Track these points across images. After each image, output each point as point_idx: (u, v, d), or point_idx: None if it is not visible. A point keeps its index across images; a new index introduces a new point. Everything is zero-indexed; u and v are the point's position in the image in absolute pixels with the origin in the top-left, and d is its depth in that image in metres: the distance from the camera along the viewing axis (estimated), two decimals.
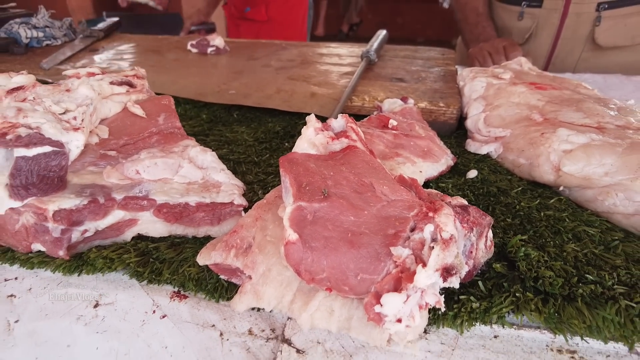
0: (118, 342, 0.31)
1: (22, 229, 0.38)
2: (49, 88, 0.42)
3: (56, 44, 1.10)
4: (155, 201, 0.39)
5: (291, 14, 1.68)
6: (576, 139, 0.46)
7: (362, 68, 0.76)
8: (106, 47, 1.06)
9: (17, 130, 0.36)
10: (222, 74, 0.80)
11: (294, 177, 0.34)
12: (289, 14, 1.67)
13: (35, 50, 1.04)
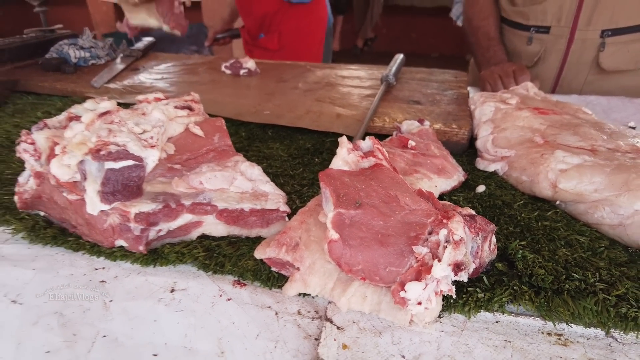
0: (194, 318, 0.39)
1: (109, 227, 0.46)
2: (129, 112, 0.51)
3: (100, 63, 1.21)
4: (217, 207, 0.48)
5: (304, 42, 1.69)
6: (571, 160, 0.54)
7: (382, 92, 0.85)
8: (145, 66, 1.16)
9: (108, 147, 0.46)
10: (255, 95, 0.89)
11: (333, 189, 0.42)
12: (302, 43, 1.67)
13: (83, 69, 1.15)
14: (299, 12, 1.63)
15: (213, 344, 0.37)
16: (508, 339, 0.37)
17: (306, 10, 1.65)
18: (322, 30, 1.76)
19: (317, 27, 1.73)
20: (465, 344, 0.37)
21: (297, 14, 1.63)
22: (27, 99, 1.01)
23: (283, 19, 1.62)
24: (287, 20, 1.62)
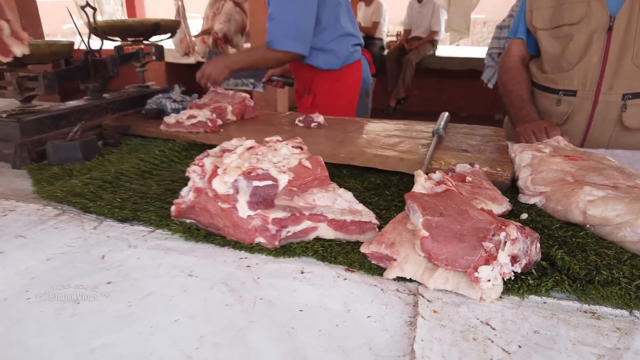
0: (323, 289, 0.55)
1: (252, 228, 0.64)
2: (265, 148, 0.71)
3: None
4: (327, 217, 0.65)
5: (335, 102, 1.91)
6: (597, 193, 0.69)
7: (435, 141, 1.03)
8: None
9: (256, 171, 0.65)
10: (329, 143, 1.09)
11: (419, 204, 0.59)
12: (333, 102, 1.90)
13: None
14: (331, 76, 1.87)
15: (340, 305, 0.53)
16: (554, 313, 0.51)
17: (337, 75, 1.88)
18: (354, 92, 1.96)
19: (348, 89, 1.94)
20: (522, 314, 0.51)
21: (330, 78, 1.87)
22: (136, 140, 1.24)
23: (319, 83, 1.88)
24: (321, 84, 1.88)
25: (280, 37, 1.62)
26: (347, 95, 1.94)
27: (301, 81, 1.97)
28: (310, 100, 1.91)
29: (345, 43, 1.84)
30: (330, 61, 1.82)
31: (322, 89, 1.89)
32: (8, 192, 0.89)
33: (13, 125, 1.08)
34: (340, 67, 1.85)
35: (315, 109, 1.88)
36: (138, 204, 0.77)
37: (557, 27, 1.29)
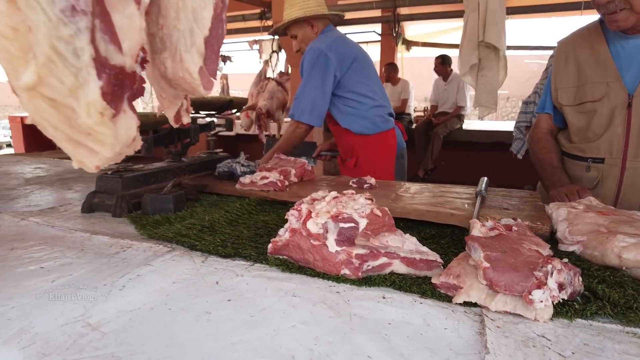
0: (404, 309, 0.68)
1: (339, 261, 0.79)
2: (347, 197, 0.88)
3: None
4: (400, 255, 0.79)
5: (375, 164, 2.20)
6: (629, 240, 0.81)
7: (480, 201, 1.18)
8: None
9: (342, 215, 0.81)
10: (384, 200, 1.25)
11: (479, 243, 0.73)
12: (374, 165, 2.19)
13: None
14: (370, 141, 2.19)
15: (420, 320, 0.65)
16: (600, 332, 0.62)
17: (375, 140, 2.20)
18: (391, 155, 2.27)
19: (385, 152, 2.25)
20: (572, 332, 0.62)
21: (369, 143, 2.19)
22: (212, 197, 1.44)
23: (360, 147, 2.20)
24: (362, 148, 2.19)
25: (299, 111, 2.04)
26: (384, 157, 2.23)
27: (343, 147, 2.29)
28: (353, 162, 2.19)
29: (378, 112, 2.19)
30: (366, 126, 2.15)
31: (363, 152, 2.18)
32: (117, 234, 1.07)
33: (116, 180, 1.30)
34: (376, 132, 2.17)
35: (358, 169, 2.12)
36: (236, 244, 0.93)
37: (581, 103, 1.47)
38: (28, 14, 0.39)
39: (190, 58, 0.52)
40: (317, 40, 2.12)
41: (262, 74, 4.78)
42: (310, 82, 2.04)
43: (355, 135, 2.17)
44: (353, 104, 2.13)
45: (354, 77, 2.12)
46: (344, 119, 2.16)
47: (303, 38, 2.20)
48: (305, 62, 2.08)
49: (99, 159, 0.48)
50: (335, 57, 2.03)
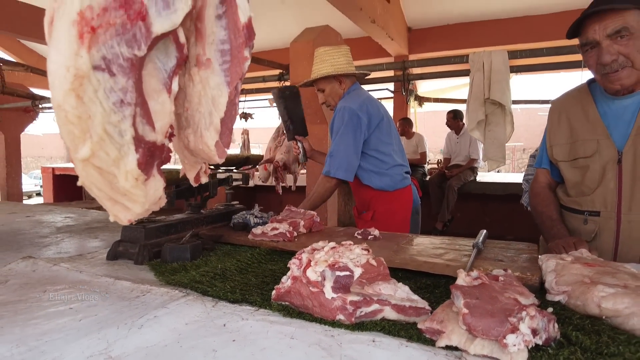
0: (391, 352, 0.75)
1: (334, 307, 0.86)
2: (344, 248, 0.97)
3: None
4: (391, 302, 0.86)
5: (392, 219, 2.30)
6: (608, 290, 0.86)
7: (475, 253, 1.25)
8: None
9: (339, 264, 0.89)
10: (385, 252, 1.33)
11: (461, 291, 0.80)
12: (390, 219, 2.29)
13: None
14: (388, 197, 2.30)
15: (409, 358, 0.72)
16: None
17: (393, 196, 2.31)
18: (407, 210, 2.37)
19: (402, 208, 2.35)
20: None
21: (387, 198, 2.30)
22: (226, 247, 1.54)
23: (377, 202, 2.31)
24: (379, 203, 2.30)
25: (335, 168, 2.19)
26: (401, 213, 2.33)
27: (361, 200, 2.41)
28: (370, 215, 2.29)
29: (398, 170, 2.33)
30: (387, 183, 2.28)
31: (380, 207, 2.29)
32: (138, 280, 1.17)
33: (139, 230, 1.42)
34: (394, 189, 2.25)
35: (374, 223, 2.21)
36: (244, 290, 1.02)
37: (574, 159, 1.56)
38: (90, 106, 0.52)
39: (208, 134, 0.65)
40: (348, 99, 2.30)
41: (279, 129, 5.02)
42: (344, 140, 2.19)
43: (374, 190, 2.29)
44: (376, 162, 2.28)
45: (380, 136, 2.28)
46: (365, 176, 2.29)
47: (330, 92, 2.38)
48: (337, 120, 2.24)
49: (131, 214, 0.60)
50: (365, 117, 2.21)
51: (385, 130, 2.33)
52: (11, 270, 1.21)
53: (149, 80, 0.59)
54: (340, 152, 2.18)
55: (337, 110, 2.28)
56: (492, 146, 3.35)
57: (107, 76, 0.52)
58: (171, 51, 0.60)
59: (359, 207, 2.45)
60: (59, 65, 0.51)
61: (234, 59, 0.64)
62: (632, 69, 1.37)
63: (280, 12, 6.96)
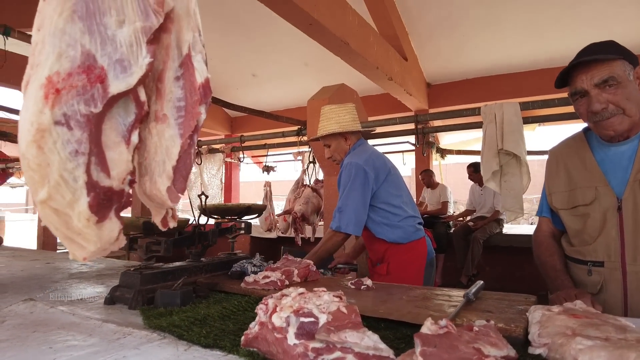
0: None
1: (296, 354, 0.86)
2: (312, 295, 0.97)
3: None
4: (354, 350, 0.85)
5: (406, 271, 2.27)
6: (586, 342, 0.82)
7: (462, 303, 1.21)
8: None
9: (303, 309, 0.90)
10: (373, 301, 1.31)
11: (421, 339, 0.79)
12: (404, 271, 2.27)
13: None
14: (402, 249, 2.28)
15: None
16: None
17: (406, 248, 2.29)
18: (421, 262, 2.34)
19: (416, 259, 2.32)
20: None
21: (401, 250, 2.28)
22: (220, 295, 1.56)
23: (391, 254, 2.28)
24: (394, 255, 2.28)
25: (345, 223, 2.20)
26: (415, 265, 2.30)
27: (374, 252, 2.39)
28: (384, 267, 2.27)
29: (410, 222, 2.32)
30: (400, 235, 2.27)
31: (394, 259, 2.28)
32: (126, 323, 1.19)
33: (136, 276, 1.47)
34: (408, 241, 2.27)
35: (390, 275, 2.17)
36: (218, 336, 1.03)
37: (574, 207, 1.51)
38: (49, 155, 0.60)
39: (161, 180, 0.71)
40: (354, 155, 2.37)
41: (299, 181, 5.14)
42: (351, 195, 2.22)
43: (388, 243, 2.29)
44: (387, 214, 2.29)
45: (388, 189, 2.31)
46: (378, 229, 2.30)
47: (336, 148, 2.46)
48: (344, 176, 2.29)
49: (86, 252, 0.65)
50: (372, 171, 2.26)
51: (394, 183, 2.35)
52: (11, 311, 1.27)
53: (110, 133, 0.66)
54: (348, 207, 2.21)
55: (343, 166, 2.34)
56: (509, 197, 3.28)
57: (65, 130, 0.60)
58: (131, 108, 0.68)
59: (373, 259, 2.42)
60: (25, 120, 0.59)
61: (187, 114, 0.71)
62: (624, 116, 1.37)
63: (301, 73, 7.37)
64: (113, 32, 0.64)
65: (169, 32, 0.73)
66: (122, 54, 0.65)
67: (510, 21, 5.80)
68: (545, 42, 5.98)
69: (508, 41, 6.18)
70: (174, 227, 1.72)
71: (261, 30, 6.49)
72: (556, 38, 5.81)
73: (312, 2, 3.70)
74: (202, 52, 0.76)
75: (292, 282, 1.59)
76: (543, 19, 5.61)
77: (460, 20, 5.94)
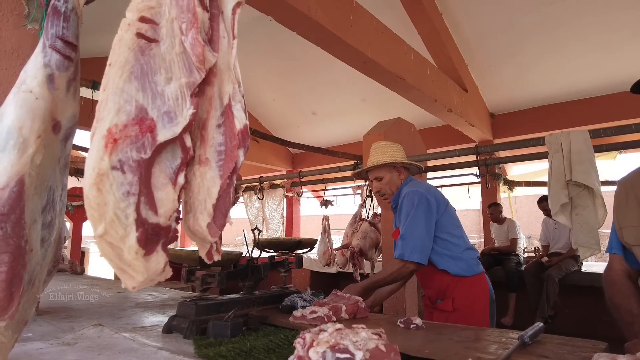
0: None
1: None
2: (348, 330, 0.97)
3: None
4: None
5: (473, 306, 2.14)
6: None
7: (515, 346, 1.13)
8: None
9: (339, 345, 0.90)
10: (421, 340, 1.27)
11: None
12: (471, 307, 2.13)
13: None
14: (467, 283, 2.16)
15: None
16: None
17: (472, 282, 2.17)
18: (486, 298, 2.20)
19: (480, 294, 2.20)
20: None
21: (466, 284, 2.15)
22: (269, 328, 1.59)
23: (456, 289, 2.15)
24: (459, 289, 2.15)
25: (409, 251, 2.06)
26: (481, 301, 2.18)
27: (434, 288, 2.26)
28: (449, 303, 2.13)
29: (471, 254, 2.23)
30: (463, 268, 2.17)
31: (459, 293, 2.15)
32: (178, 351, 1.27)
33: (191, 307, 1.56)
34: (472, 274, 2.18)
35: (457, 312, 2.07)
36: None
37: None
38: (105, 196, 0.69)
39: (202, 217, 0.78)
40: (412, 185, 2.32)
41: (357, 216, 5.13)
42: (415, 222, 2.11)
43: (452, 276, 2.16)
44: (449, 245, 2.20)
45: (449, 219, 2.24)
46: (440, 260, 2.18)
47: (389, 181, 2.37)
48: (407, 204, 2.19)
49: (135, 282, 0.73)
50: (434, 199, 2.20)
51: (453, 214, 2.29)
52: (82, 334, 1.40)
53: (159, 176, 0.75)
54: (413, 235, 2.10)
55: (403, 195, 2.27)
56: (582, 232, 3.01)
57: (119, 173, 0.70)
58: (177, 153, 0.77)
59: (432, 296, 2.28)
60: (89, 166, 0.70)
61: (227, 158, 0.78)
62: None
63: (358, 109, 7.51)
64: (162, 88, 0.74)
65: (211, 85, 0.82)
66: (169, 106, 0.74)
67: (577, 44, 5.52)
68: (619, 63, 5.57)
69: (575, 66, 5.85)
70: (228, 261, 1.82)
71: (320, 70, 6.79)
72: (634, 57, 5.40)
73: (366, 41, 3.83)
74: (242, 101, 0.84)
75: (340, 319, 1.58)
76: (617, 39, 5.26)
77: (522, 47, 5.76)
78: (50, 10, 1.00)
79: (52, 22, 0.98)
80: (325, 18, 3.33)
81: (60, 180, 1.03)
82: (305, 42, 3.62)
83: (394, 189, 2.40)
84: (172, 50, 0.76)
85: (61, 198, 1.04)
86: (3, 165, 0.85)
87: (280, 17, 3.22)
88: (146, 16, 0.77)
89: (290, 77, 7.18)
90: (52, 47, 0.95)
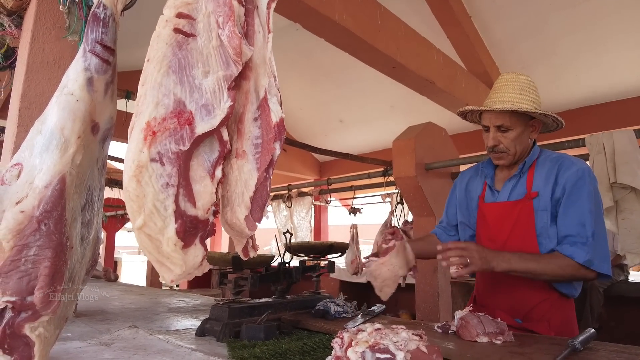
0: None
1: None
2: (387, 330, 0.94)
3: (347, 316, 1.75)
4: None
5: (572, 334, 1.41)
6: None
7: (566, 353, 1.06)
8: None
9: (379, 345, 0.87)
10: (462, 345, 1.21)
11: None
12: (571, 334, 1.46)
13: (338, 320, 1.70)
14: (570, 306, 1.61)
15: None
16: None
17: (571, 305, 1.62)
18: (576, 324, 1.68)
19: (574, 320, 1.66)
20: None
21: (566, 306, 1.59)
22: (302, 332, 1.56)
23: (558, 310, 1.57)
24: (561, 312, 1.57)
25: (602, 259, 1.47)
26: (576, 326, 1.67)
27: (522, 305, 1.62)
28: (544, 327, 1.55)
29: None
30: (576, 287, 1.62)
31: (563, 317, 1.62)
32: (212, 353, 1.26)
33: (225, 310, 1.55)
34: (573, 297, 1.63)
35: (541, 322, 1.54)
36: None
37: None
38: (144, 187, 0.69)
39: (240, 210, 0.77)
40: (567, 158, 1.64)
41: (387, 223, 5.05)
42: (602, 221, 1.54)
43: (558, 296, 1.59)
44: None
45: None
46: None
47: (520, 137, 1.64)
48: (588, 188, 1.52)
49: (173, 275, 0.72)
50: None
51: None
52: (118, 335, 1.42)
53: (197, 169, 0.75)
54: (604, 238, 1.49)
55: (582, 171, 1.54)
56: (629, 237, 2.85)
57: (158, 165, 0.70)
58: (215, 146, 0.77)
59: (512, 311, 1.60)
60: (128, 159, 0.70)
61: (264, 150, 0.77)
62: None
63: (387, 115, 7.44)
64: (200, 81, 0.74)
65: (248, 79, 0.81)
66: (207, 99, 0.74)
67: (616, 42, 5.28)
68: None
69: (614, 65, 5.60)
70: (260, 263, 1.81)
71: (347, 77, 6.79)
72: None
73: (394, 45, 3.79)
74: (277, 94, 0.84)
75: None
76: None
77: (555, 48, 5.57)
78: (91, 17, 1.03)
79: (92, 28, 1.00)
80: (352, 23, 3.33)
81: (98, 181, 1.05)
82: (331, 51, 3.62)
83: (520, 149, 1.65)
84: (209, 44, 0.76)
85: (99, 198, 1.06)
86: (47, 165, 0.87)
87: (308, 23, 3.24)
88: (183, 12, 0.77)
89: (317, 85, 7.21)
90: (92, 52, 0.98)
